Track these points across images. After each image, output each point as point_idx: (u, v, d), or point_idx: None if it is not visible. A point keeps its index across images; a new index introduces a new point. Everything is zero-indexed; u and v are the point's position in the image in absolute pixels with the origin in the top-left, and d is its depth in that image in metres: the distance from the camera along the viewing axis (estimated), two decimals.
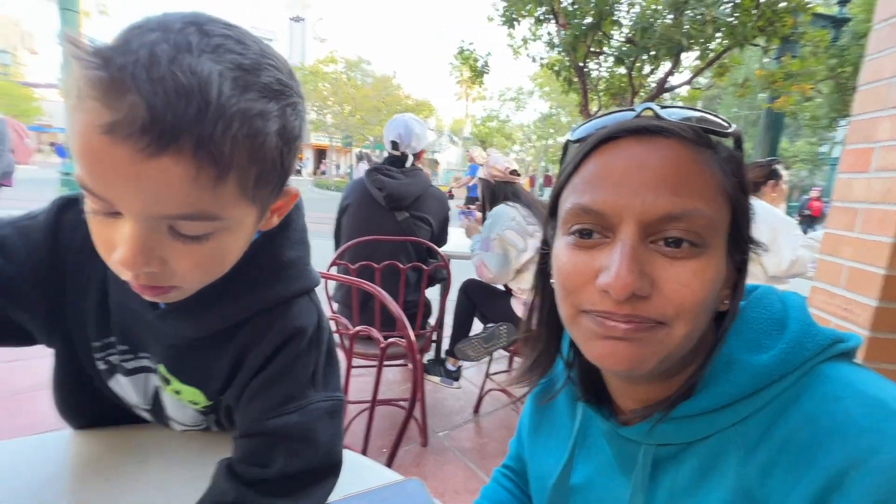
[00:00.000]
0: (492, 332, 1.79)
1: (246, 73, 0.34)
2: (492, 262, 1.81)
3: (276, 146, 0.37)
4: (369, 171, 1.82)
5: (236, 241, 0.42)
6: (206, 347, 0.50)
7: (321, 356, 0.52)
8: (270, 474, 0.46)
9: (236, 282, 0.46)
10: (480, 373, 2.54)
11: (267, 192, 0.40)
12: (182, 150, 0.32)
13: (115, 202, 0.35)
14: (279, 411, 0.48)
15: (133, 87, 0.30)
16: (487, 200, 1.98)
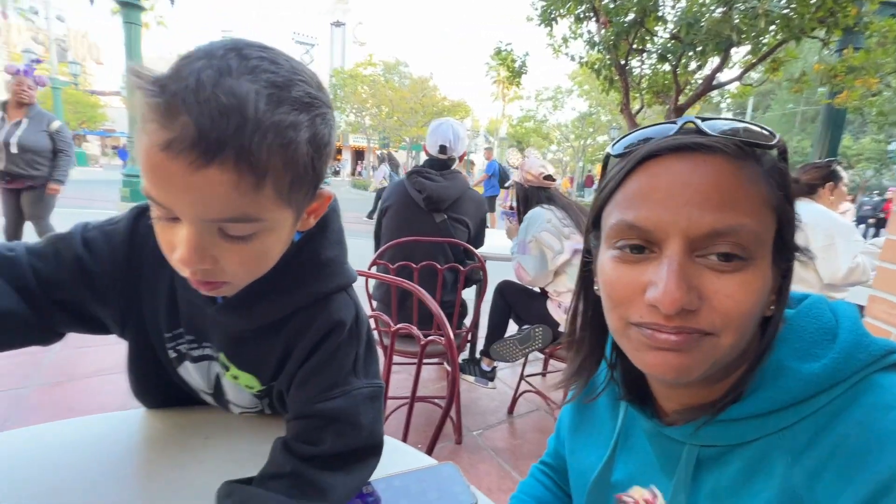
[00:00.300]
0: (527, 334, 1.80)
1: (279, 90, 0.39)
2: (529, 264, 1.82)
3: (307, 153, 0.41)
4: (410, 174, 1.88)
5: (277, 240, 0.47)
6: (258, 338, 0.56)
7: (361, 347, 0.57)
8: (321, 451, 0.51)
9: (281, 280, 0.52)
10: (515, 374, 2.54)
11: (301, 196, 0.45)
12: (225, 161, 0.37)
13: (173, 209, 0.40)
14: (325, 396, 0.53)
15: (184, 110, 0.36)
16: (521, 204, 1.98)
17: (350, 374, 0.55)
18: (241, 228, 0.42)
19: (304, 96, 0.41)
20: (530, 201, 1.92)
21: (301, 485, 0.48)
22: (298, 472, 0.49)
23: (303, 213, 0.48)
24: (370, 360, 0.58)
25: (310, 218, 0.51)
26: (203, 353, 0.60)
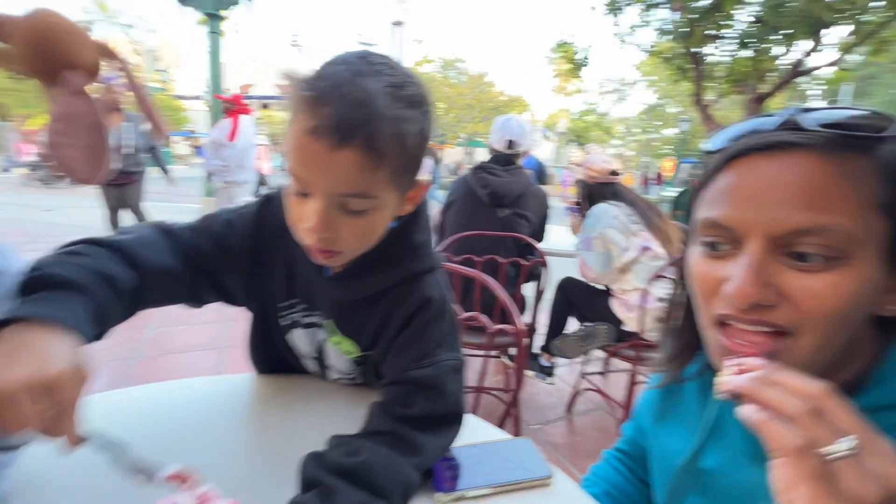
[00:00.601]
0: (590, 332, 1.78)
1: (396, 89, 0.48)
2: (593, 260, 1.79)
3: (415, 143, 0.50)
4: (474, 170, 1.92)
5: (383, 218, 0.55)
6: (359, 308, 0.64)
7: (445, 323, 0.63)
8: (412, 413, 0.57)
9: (380, 259, 0.60)
10: (573, 372, 2.51)
11: (406, 181, 0.54)
12: (356, 144, 0.46)
13: (310, 183, 0.49)
14: (416, 365, 0.59)
15: (327, 102, 0.45)
16: (585, 201, 1.95)
17: (437, 347, 0.61)
18: (359, 203, 0.50)
19: (414, 95, 0.50)
20: (595, 198, 1.89)
21: (398, 441, 0.54)
22: (395, 430, 0.55)
23: (405, 197, 0.56)
24: (453, 336, 0.64)
25: (408, 204, 0.58)
26: (312, 320, 0.69)
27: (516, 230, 1.87)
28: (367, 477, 0.49)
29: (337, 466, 0.50)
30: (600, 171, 1.87)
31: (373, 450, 0.52)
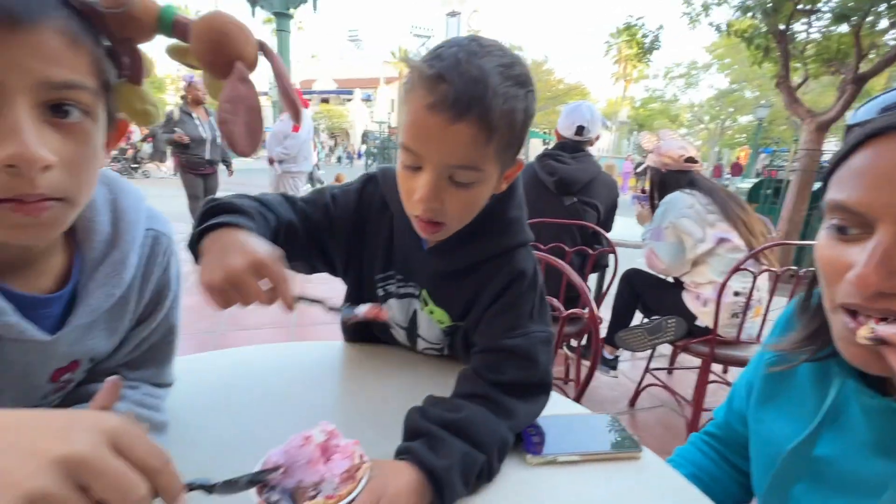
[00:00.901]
0: (658, 325, 1.72)
1: (506, 69, 0.51)
2: (663, 251, 1.73)
3: (520, 121, 0.53)
4: (540, 157, 1.90)
5: (485, 193, 0.58)
6: (454, 279, 0.68)
7: (537, 297, 0.66)
8: (504, 380, 0.60)
9: (476, 232, 0.63)
10: (636, 366, 2.44)
11: (509, 158, 0.57)
12: (471, 119, 0.49)
13: (423, 156, 0.53)
14: (508, 335, 0.62)
15: (446, 79, 0.49)
16: (657, 190, 1.87)
17: (528, 319, 0.64)
18: (467, 175, 0.54)
19: (521, 75, 0.53)
20: (668, 187, 1.80)
21: (492, 403, 0.57)
22: (489, 394, 0.58)
23: (504, 174, 0.59)
24: (543, 310, 0.67)
25: (504, 183, 0.61)
26: (407, 291, 0.74)
27: (583, 219, 1.84)
28: (468, 430, 0.52)
29: (440, 419, 0.53)
30: (675, 157, 1.78)
31: (471, 408, 0.55)
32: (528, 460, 0.55)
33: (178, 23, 0.39)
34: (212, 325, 2.62)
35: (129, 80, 0.43)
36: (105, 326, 0.51)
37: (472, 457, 0.50)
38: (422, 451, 0.49)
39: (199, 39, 0.40)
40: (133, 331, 0.56)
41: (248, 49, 0.42)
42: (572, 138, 1.89)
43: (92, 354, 0.52)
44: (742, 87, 21.32)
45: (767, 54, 4.80)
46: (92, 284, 0.48)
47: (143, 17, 0.38)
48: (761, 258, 1.62)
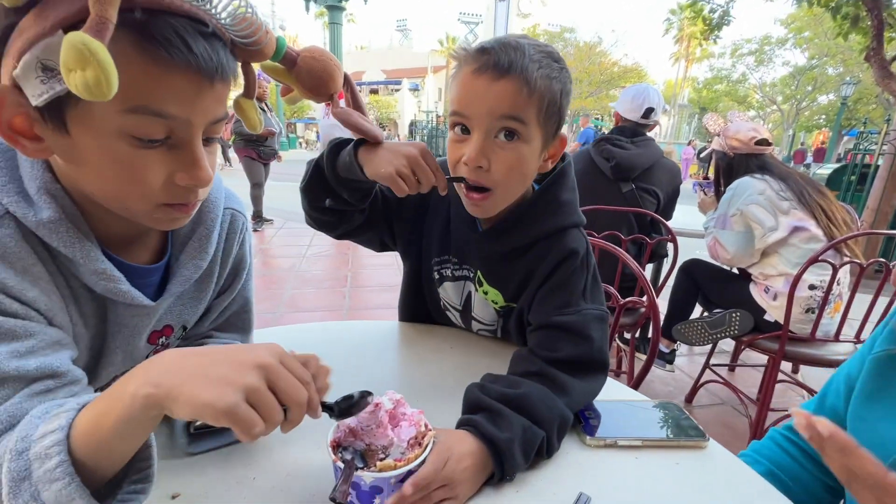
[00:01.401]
0: (721, 318, 1.63)
1: (540, 47, 0.60)
2: (729, 240, 1.62)
3: (557, 90, 0.60)
4: (597, 142, 1.84)
5: (530, 156, 0.62)
6: (507, 260, 0.71)
7: (589, 276, 0.68)
8: (559, 357, 0.61)
9: (528, 214, 0.68)
10: (694, 361, 2.33)
11: (550, 126, 0.62)
12: (512, 76, 0.57)
13: (471, 116, 0.59)
14: (561, 312, 0.64)
15: (490, 50, 0.58)
16: (723, 176, 1.74)
17: (580, 297, 0.66)
18: (512, 125, 0.59)
19: (554, 53, 0.61)
20: (736, 172, 1.68)
21: (548, 380, 0.58)
22: (545, 371, 0.60)
23: (548, 145, 0.64)
24: (596, 289, 0.69)
25: (548, 161, 0.66)
26: (462, 273, 0.77)
27: (641, 206, 1.77)
28: (528, 406, 0.53)
29: (500, 395, 0.55)
30: (745, 140, 1.66)
31: (530, 385, 0.57)
32: (588, 441, 0.55)
33: (289, 54, 0.48)
34: (271, 307, 2.79)
35: (244, 94, 0.50)
36: (193, 295, 0.59)
37: (533, 432, 0.52)
38: (484, 424, 0.51)
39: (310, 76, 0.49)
40: (216, 300, 0.63)
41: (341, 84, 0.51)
42: (638, 121, 1.81)
43: (182, 320, 0.59)
44: (822, 62, 19.30)
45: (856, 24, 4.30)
46: (183, 257, 0.55)
47: (266, 49, 0.45)
48: (843, 249, 1.49)
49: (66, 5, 0.34)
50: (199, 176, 0.43)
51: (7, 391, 0.40)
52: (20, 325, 0.41)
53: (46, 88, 0.35)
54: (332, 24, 7.69)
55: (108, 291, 0.48)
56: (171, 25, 0.37)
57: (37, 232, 0.43)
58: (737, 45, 22.45)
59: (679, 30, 27.73)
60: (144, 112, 0.39)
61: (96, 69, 0.31)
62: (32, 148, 0.40)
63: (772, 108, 24.27)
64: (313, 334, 0.85)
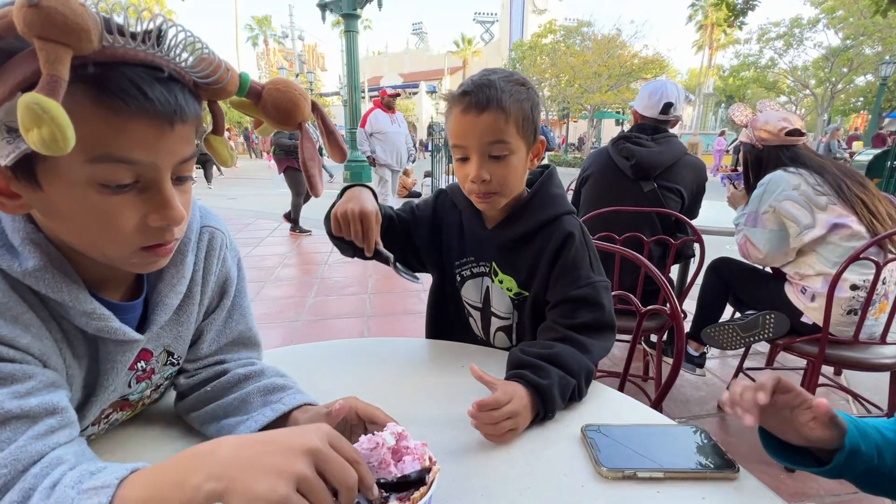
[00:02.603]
0: (754, 321, 1.54)
1: (508, 76, 0.77)
2: (761, 239, 1.53)
3: (528, 108, 0.76)
4: (615, 140, 1.77)
5: (519, 163, 0.78)
6: (517, 247, 0.84)
7: (591, 253, 0.82)
8: (577, 322, 0.75)
9: (528, 206, 0.83)
10: (726, 365, 2.23)
11: (528, 134, 0.78)
12: (490, 110, 0.73)
13: (467, 147, 0.76)
14: (576, 286, 0.77)
15: (468, 92, 0.75)
16: (752, 170, 1.64)
17: (589, 271, 0.79)
18: (500, 148, 0.75)
19: (521, 80, 0.78)
20: (766, 165, 1.58)
21: (572, 342, 0.72)
22: (566, 335, 0.73)
23: (531, 149, 0.80)
24: (597, 262, 0.82)
25: (535, 160, 0.82)
26: (479, 270, 0.90)
27: (664, 205, 1.70)
28: (561, 361, 0.67)
29: (538, 354, 0.68)
30: (775, 130, 1.56)
31: (559, 346, 0.70)
32: (604, 473, 0.52)
33: (253, 88, 0.49)
34: (294, 315, 2.83)
35: (213, 131, 0.51)
36: (174, 318, 0.58)
37: (567, 380, 0.65)
38: (529, 375, 0.64)
39: (276, 107, 0.49)
40: (206, 321, 0.63)
41: (308, 112, 0.51)
42: (656, 118, 1.74)
43: (162, 344, 0.59)
44: (859, 42, 18.31)
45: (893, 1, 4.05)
46: (161, 285, 0.55)
47: (229, 86, 0.46)
48: (888, 245, 1.38)
49: (22, 69, 0.35)
50: (170, 216, 0.44)
51: (10, 433, 0.40)
52: (18, 369, 0.42)
53: (13, 148, 0.36)
54: (347, 31, 7.77)
55: (99, 330, 0.48)
56: (125, 75, 0.38)
57: (24, 281, 0.44)
58: (764, 30, 21.51)
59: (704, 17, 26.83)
60: (108, 160, 0.40)
61: (50, 125, 0.31)
62: (11, 205, 0.41)
63: (804, 93, 23.19)
64: (324, 354, 0.84)
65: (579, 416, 0.65)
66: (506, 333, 0.91)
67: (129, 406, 0.61)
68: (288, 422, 0.57)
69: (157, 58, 0.40)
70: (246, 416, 0.57)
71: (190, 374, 0.63)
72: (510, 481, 0.52)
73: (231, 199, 7.92)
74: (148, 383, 0.60)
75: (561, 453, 0.57)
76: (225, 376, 0.62)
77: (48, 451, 0.41)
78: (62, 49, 0.33)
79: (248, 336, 0.68)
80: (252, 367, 0.64)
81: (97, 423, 0.57)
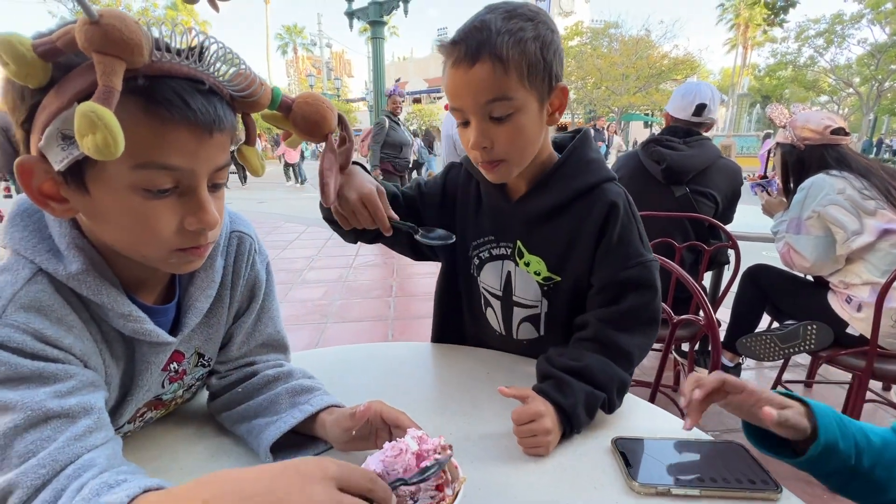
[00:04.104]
0: (794, 331, 1.47)
1: (510, 11, 0.61)
2: (806, 246, 1.45)
3: (535, 49, 0.60)
4: (645, 144, 1.73)
5: (529, 121, 0.64)
6: (548, 221, 0.72)
7: (638, 224, 0.70)
8: (620, 309, 0.66)
9: (559, 172, 0.71)
10: (764, 376, 2.13)
11: (539, 83, 0.62)
12: (482, 60, 0.59)
13: (463, 107, 0.63)
14: (625, 265, 0.67)
15: (456, 41, 0.61)
16: (792, 173, 1.56)
17: (640, 247, 0.69)
18: (501, 107, 0.61)
19: (527, 13, 0.62)
20: (808, 167, 1.50)
21: (605, 347, 0.65)
22: (604, 338, 0.66)
23: (545, 102, 0.65)
24: (646, 238, 0.71)
25: (555, 113, 0.67)
26: (500, 251, 0.78)
27: (697, 210, 1.64)
28: (590, 376, 0.62)
29: (565, 366, 0.63)
30: (819, 129, 1.47)
31: (590, 356, 0.64)
32: (636, 488, 0.50)
33: (284, 101, 0.51)
34: (319, 317, 2.87)
35: (246, 142, 0.52)
36: (204, 322, 0.60)
37: (595, 395, 0.61)
38: (551, 391, 0.60)
39: (305, 120, 0.51)
40: (235, 324, 0.65)
41: (334, 124, 0.53)
42: (690, 119, 1.68)
43: (194, 347, 0.61)
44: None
45: None
46: (193, 289, 0.57)
47: (262, 99, 0.48)
48: None
49: (80, 80, 0.38)
50: (205, 220, 0.47)
51: (51, 431, 0.42)
52: (60, 369, 0.44)
53: (66, 155, 0.39)
54: (374, 38, 7.89)
55: (134, 332, 0.51)
56: (171, 87, 0.41)
57: (68, 283, 0.46)
58: (802, 27, 20.60)
59: (735, 15, 25.93)
60: (152, 166, 0.42)
61: (104, 132, 0.34)
62: (60, 209, 0.44)
63: (847, 92, 22.07)
64: (345, 358, 0.85)
65: (609, 427, 0.63)
66: (532, 324, 0.80)
67: (162, 405, 0.63)
68: (315, 423, 0.58)
69: (198, 72, 0.42)
70: (275, 417, 0.58)
71: (221, 375, 0.65)
72: (538, 492, 0.51)
73: (260, 202, 8.14)
74: (180, 384, 0.62)
75: (591, 466, 0.55)
76: (255, 378, 0.64)
77: (83, 454, 0.43)
78: (117, 62, 0.35)
79: (276, 339, 0.69)
80: (280, 368, 0.66)
81: (133, 421, 0.59)
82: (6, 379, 0.41)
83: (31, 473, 0.39)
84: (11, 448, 0.40)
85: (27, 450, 0.40)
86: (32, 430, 0.41)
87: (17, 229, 0.47)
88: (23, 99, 0.40)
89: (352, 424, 0.54)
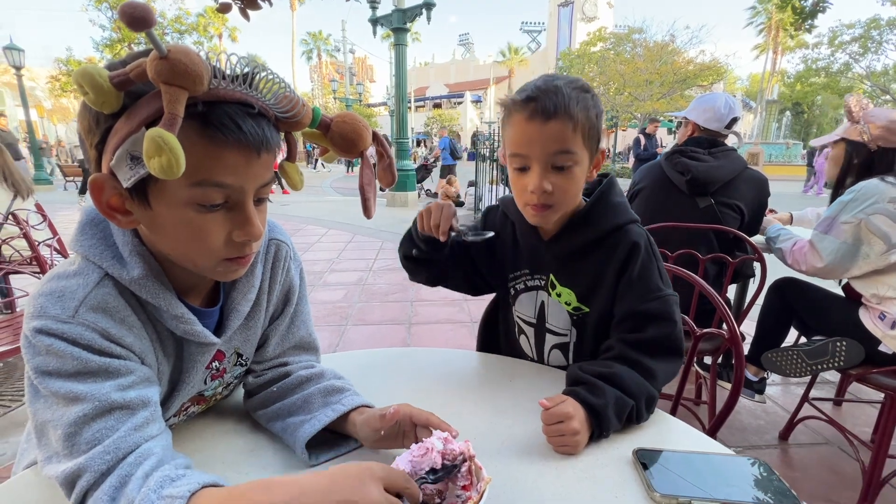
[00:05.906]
0: (823, 347, 1.44)
1: (572, 82, 0.72)
2: (828, 248, 1.40)
3: (594, 116, 0.72)
4: (670, 154, 1.72)
5: (581, 175, 0.74)
6: (576, 259, 0.81)
7: (659, 263, 0.77)
8: (644, 338, 0.71)
9: (589, 216, 0.79)
10: (790, 392, 2.08)
11: (592, 144, 0.74)
12: (558, 118, 0.69)
13: (529, 155, 0.72)
14: (646, 299, 0.73)
15: (535, 98, 0.70)
16: (854, 174, 1.45)
17: (658, 282, 0.75)
18: (564, 159, 0.71)
19: (585, 86, 0.73)
20: (872, 168, 1.40)
21: (633, 363, 0.68)
22: (630, 356, 0.70)
23: (592, 160, 0.75)
24: (666, 275, 0.77)
25: (594, 171, 0.78)
26: (535, 283, 0.87)
27: (721, 222, 1.62)
28: (620, 382, 0.65)
29: (595, 372, 0.67)
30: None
31: (619, 366, 0.68)
32: (656, 499, 0.51)
33: (323, 121, 0.54)
34: (339, 319, 2.93)
35: (287, 158, 0.57)
36: (243, 324, 0.65)
37: (624, 400, 0.63)
38: (583, 393, 0.63)
39: (342, 137, 0.55)
40: (271, 327, 0.69)
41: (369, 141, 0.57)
42: (720, 132, 1.67)
43: (234, 347, 0.65)
44: None
45: None
46: (236, 294, 0.62)
47: (304, 119, 0.52)
48: None
49: (148, 108, 0.42)
50: (251, 232, 0.51)
51: (114, 421, 0.46)
52: (123, 365, 0.49)
53: (133, 173, 0.43)
54: (397, 45, 8.01)
55: (185, 333, 0.55)
56: (224, 111, 0.45)
57: (130, 287, 0.51)
58: (836, 33, 19.96)
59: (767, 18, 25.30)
60: (207, 184, 0.47)
61: (169, 154, 0.37)
62: (125, 221, 0.49)
63: (883, 99, 21.26)
64: (368, 363, 0.88)
65: (630, 438, 0.64)
66: (562, 351, 0.87)
67: (203, 401, 0.67)
68: (346, 422, 0.61)
69: (249, 97, 0.46)
70: (309, 416, 0.61)
71: (257, 374, 0.69)
72: (560, 498, 0.52)
73: (283, 205, 8.32)
74: (220, 381, 0.66)
75: (611, 475, 0.56)
76: (288, 378, 0.67)
77: (142, 443, 0.47)
78: (181, 92, 0.39)
79: (308, 341, 0.73)
80: (312, 369, 0.69)
81: (178, 415, 0.63)
82: (77, 372, 0.45)
83: (98, 459, 0.43)
84: (80, 435, 0.44)
85: (94, 437, 0.44)
86: (99, 419, 0.45)
87: (86, 237, 0.52)
88: (98, 123, 0.44)
89: (381, 425, 0.57)
